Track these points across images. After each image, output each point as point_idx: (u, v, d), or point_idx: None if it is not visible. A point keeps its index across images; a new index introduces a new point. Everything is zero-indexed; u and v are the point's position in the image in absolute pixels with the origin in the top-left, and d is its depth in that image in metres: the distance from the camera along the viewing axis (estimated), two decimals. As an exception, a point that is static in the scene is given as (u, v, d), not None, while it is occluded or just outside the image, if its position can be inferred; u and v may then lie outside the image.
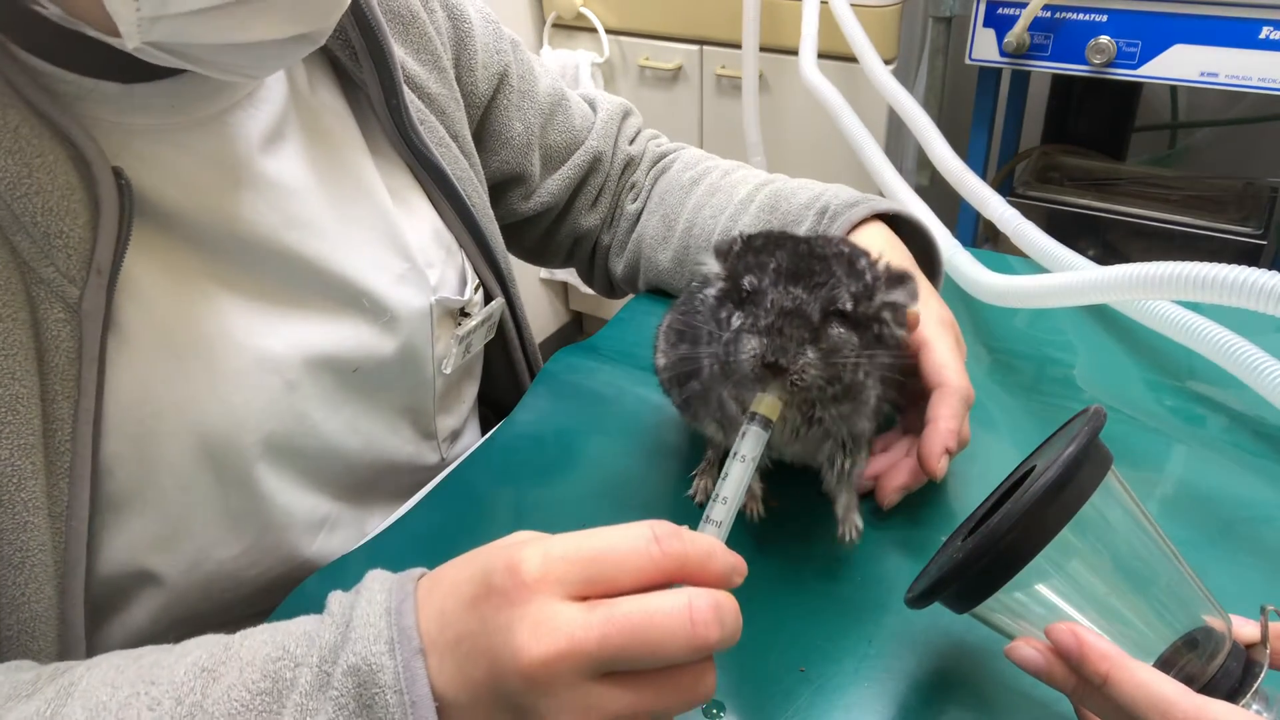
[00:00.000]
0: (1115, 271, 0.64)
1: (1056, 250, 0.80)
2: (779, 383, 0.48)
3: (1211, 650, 0.41)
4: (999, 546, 0.40)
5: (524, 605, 0.37)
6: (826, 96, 1.31)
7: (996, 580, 0.41)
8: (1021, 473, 0.48)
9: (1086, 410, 0.45)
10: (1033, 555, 0.40)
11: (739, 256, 0.53)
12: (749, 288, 0.50)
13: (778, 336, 0.48)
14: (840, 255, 0.52)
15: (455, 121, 0.75)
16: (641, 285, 0.89)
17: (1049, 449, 0.47)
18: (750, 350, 0.48)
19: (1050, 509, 0.40)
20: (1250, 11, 1.29)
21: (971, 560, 0.41)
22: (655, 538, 0.39)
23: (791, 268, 0.50)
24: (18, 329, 0.49)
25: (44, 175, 0.49)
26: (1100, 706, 0.40)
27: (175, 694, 0.40)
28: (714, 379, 0.55)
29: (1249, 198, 1.57)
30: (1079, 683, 0.40)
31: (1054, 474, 0.39)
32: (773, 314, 0.48)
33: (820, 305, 0.49)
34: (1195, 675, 0.41)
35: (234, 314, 0.58)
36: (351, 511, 0.70)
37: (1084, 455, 0.41)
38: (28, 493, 0.50)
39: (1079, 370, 0.78)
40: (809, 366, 0.48)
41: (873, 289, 0.52)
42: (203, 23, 0.46)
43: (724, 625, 0.38)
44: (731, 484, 0.47)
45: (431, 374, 0.73)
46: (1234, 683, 0.40)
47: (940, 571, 0.43)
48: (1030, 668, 0.42)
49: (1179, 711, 0.37)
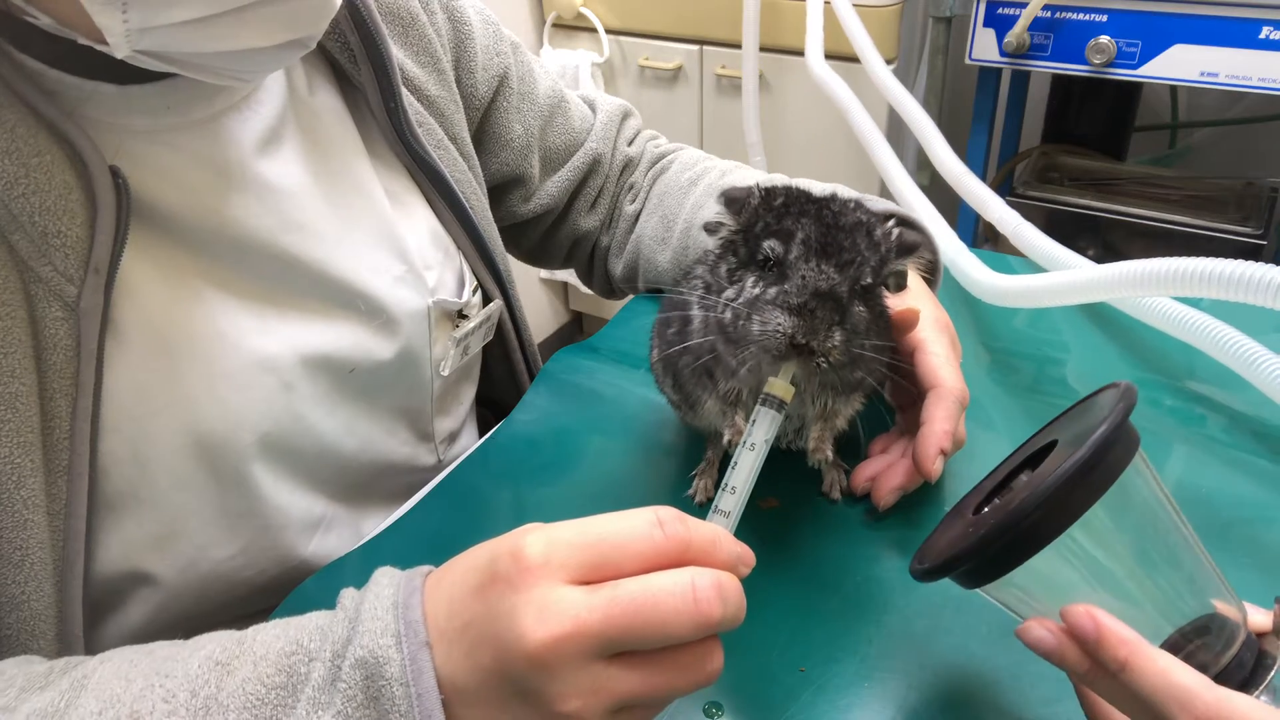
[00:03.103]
0: (1115, 269, 0.64)
1: (1056, 251, 0.80)
2: (802, 362, 0.47)
3: (1226, 639, 0.40)
4: (1022, 526, 0.39)
5: (528, 590, 0.37)
6: (835, 91, 1.31)
7: (1015, 559, 0.40)
8: (1038, 445, 0.46)
9: (1117, 385, 0.43)
10: (1055, 535, 0.39)
11: (756, 213, 0.52)
12: (771, 255, 0.49)
13: (810, 317, 0.47)
14: (860, 225, 0.51)
15: (454, 124, 0.75)
16: (641, 286, 0.89)
17: (1070, 422, 0.46)
18: (778, 326, 0.47)
19: (1078, 489, 0.39)
20: (1250, 11, 1.29)
21: (993, 538, 0.39)
22: (659, 522, 0.39)
23: (821, 240, 0.49)
24: (16, 327, 0.49)
25: (41, 175, 0.49)
26: (1112, 692, 0.39)
27: (190, 687, 0.40)
28: (713, 331, 0.53)
29: (1249, 198, 1.57)
30: (1092, 666, 0.39)
31: (1086, 453, 0.38)
32: (806, 293, 0.47)
33: (849, 285, 0.49)
34: (1208, 664, 0.40)
35: (230, 315, 0.58)
36: (347, 512, 0.70)
37: (1116, 436, 0.39)
38: (27, 490, 0.50)
39: (1077, 370, 0.78)
40: (835, 349, 0.47)
41: (885, 260, 0.52)
42: (191, 32, 0.47)
43: (727, 603, 0.38)
44: (741, 473, 0.46)
45: (429, 376, 0.73)
46: (1246, 674, 0.40)
47: (957, 548, 0.42)
48: (1042, 649, 0.41)
49: (1200, 703, 0.35)
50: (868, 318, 0.50)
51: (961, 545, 0.41)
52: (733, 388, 0.55)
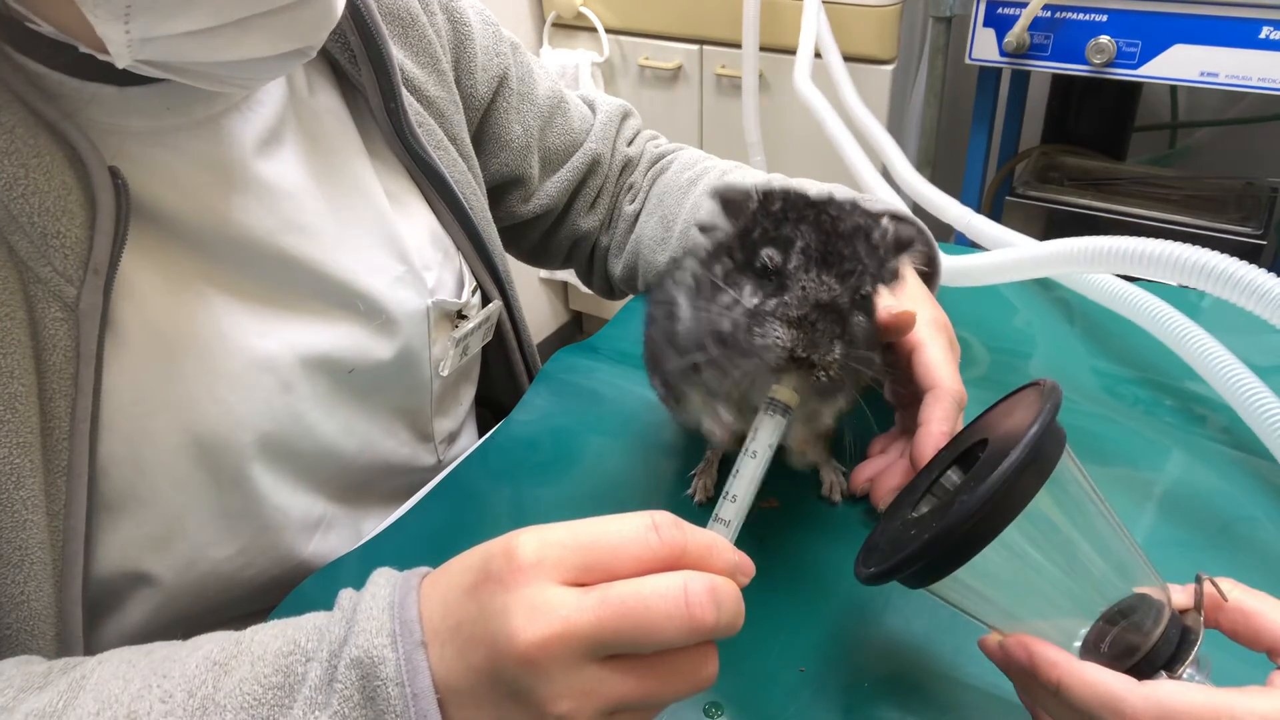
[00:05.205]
0: (1056, 245, 0.68)
1: (1010, 239, 0.84)
2: (801, 375, 0.47)
3: (1153, 619, 0.42)
4: (967, 525, 0.40)
5: (519, 589, 0.37)
6: (817, 108, 1.34)
7: (961, 558, 0.41)
8: (967, 444, 0.48)
9: (1039, 383, 0.45)
10: (997, 533, 0.40)
11: (753, 218, 0.51)
12: (770, 264, 0.48)
13: (810, 330, 0.46)
14: (859, 230, 0.50)
15: (454, 124, 0.75)
16: (640, 286, 0.89)
17: (996, 421, 0.47)
18: (778, 338, 0.46)
19: (1017, 487, 0.40)
20: (1250, 11, 1.29)
21: (940, 539, 0.40)
22: (655, 526, 0.39)
23: (821, 249, 0.48)
24: (15, 328, 0.49)
25: (40, 176, 0.49)
26: (1057, 710, 0.41)
27: (187, 687, 0.40)
28: (705, 334, 0.51)
29: (1249, 198, 1.57)
30: (1037, 688, 0.42)
31: (1024, 453, 0.39)
32: (807, 305, 0.46)
33: (850, 296, 0.48)
34: (1138, 644, 0.42)
35: (229, 315, 0.58)
36: (347, 512, 0.70)
37: (1048, 435, 0.41)
38: (26, 490, 0.51)
39: (1077, 371, 0.78)
40: (835, 363, 0.46)
41: (884, 263, 0.51)
42: (193, 42, 0.46)
43: (721, 609, 0.37)
44: (743, 481, 0.46)
45: (428, 376, 0.73)
46: (1173, 649, 0.42)
47: (905, 550, 0.42)
48: (996, 662, 0.44)
49: (1128, 707, 0.38)
50: (867, 327, 0.50)
51: (909, 547, 0.42)
52: (723, 385, 0.54)
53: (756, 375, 0.49)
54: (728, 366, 0.50)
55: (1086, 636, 0.43)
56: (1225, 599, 0.43)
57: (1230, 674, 0.41)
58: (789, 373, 0.47)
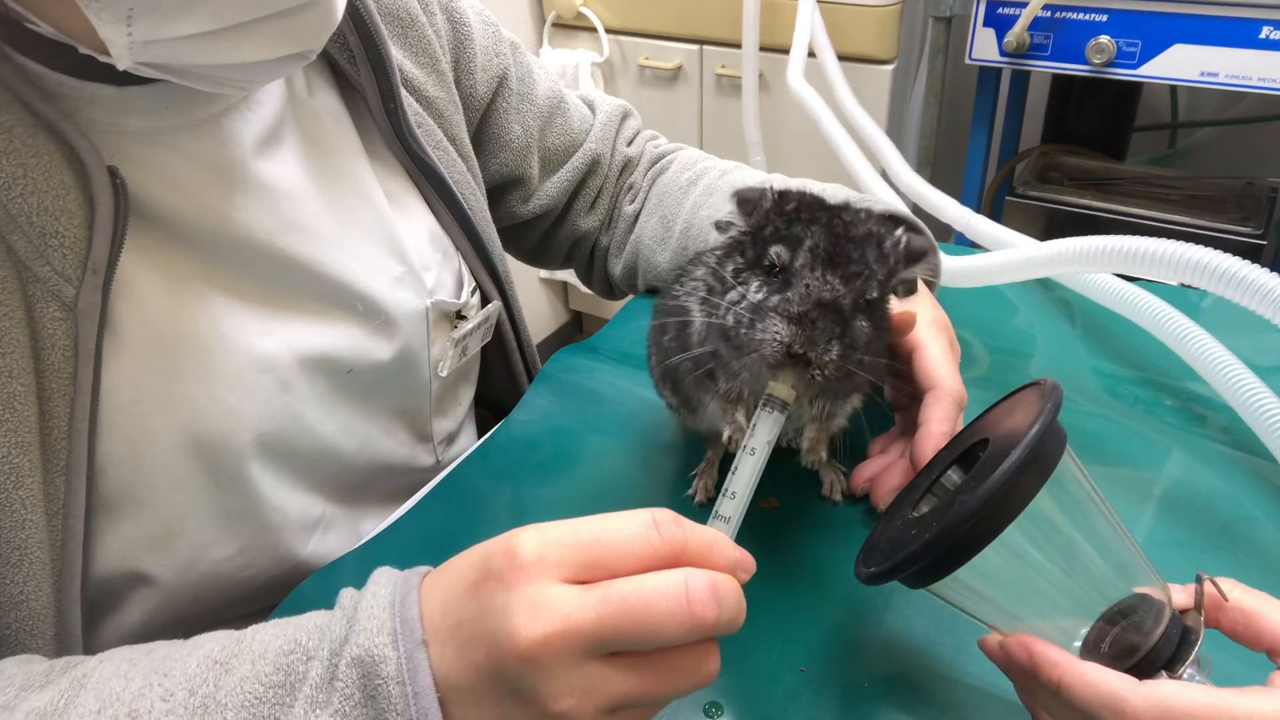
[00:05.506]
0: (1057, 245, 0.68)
1: (1010, 239, 0.83)
2: (798, 372, 0.47)
3: (1153, 619, 0.42)
4: (968, 525, 0.40)
5: (520, 587, 0.37)
6: (812, 106, 1.34)
7: (962, 557, 0.41)
8: (967, 444, 0.48)
9: (1040, 384, 0.45)
10: (998, 533, 0.40)
11: (767, 216, 0.51)
12: (777, 260, 0.48)
13: (810, 328, 0.46)
14: (871, 237, 0.50)
15: (453, 124, 0.75)
16: (640, 286, 0.89)
17: (997, 421, 0.47)
18: (776, 334, 0.46)
19: (1019, 486, 0.40)
20: (1250, 11, 1.29)
21: (941, 539, 0.40)
22: (655, 523, 0.39)
23: (829, 250, 0.48)
24: (14, 327, 0.49)
25: (39, 175, 0.49)
26: (1058, 710, 0.41)
27: (188, 685, 0.40)
28: (714, 334, 0.51)
29: (1249, 198, 1.57)
30: (1037, 688, 0.42)
31: (1024, 453, 0.39)
32: (808, 303, 0.46)
33: (853, 298, 0.48)
34: (1139, 644, 0.42)
35: (228, 315, 0.58)
36: (346, 513, 0.70)
37: (1049, 434, 0.41)
38: (25, 490, 0.51)
39: (1077, 371, 0.78)
40: (831, 363, 0.46)
41: (894, 272, 0.51)
42: (194, 45, 0.47)
43: (722, 606, 0.37)
44: (742, 478, 0.46)
45: (428, 377, 0.73)
46: (1173, 649, 0.42)
47: (906, 550, 0.43)
48: (996, 662, 0.44)
49: (1129, 707, 0.38)
50: (869, 333, 0.49)
51: (910, 547, 0.42)
52: (734, 387, 0.54)
53: (755, 371, 0.49)
54: (734, 364, 0.51)
55: (1087, 636, 0.43)
56: (1225, 599, 0.43)
57: (1230, 674, 0.41)
58: (786, 369, 0.47)
